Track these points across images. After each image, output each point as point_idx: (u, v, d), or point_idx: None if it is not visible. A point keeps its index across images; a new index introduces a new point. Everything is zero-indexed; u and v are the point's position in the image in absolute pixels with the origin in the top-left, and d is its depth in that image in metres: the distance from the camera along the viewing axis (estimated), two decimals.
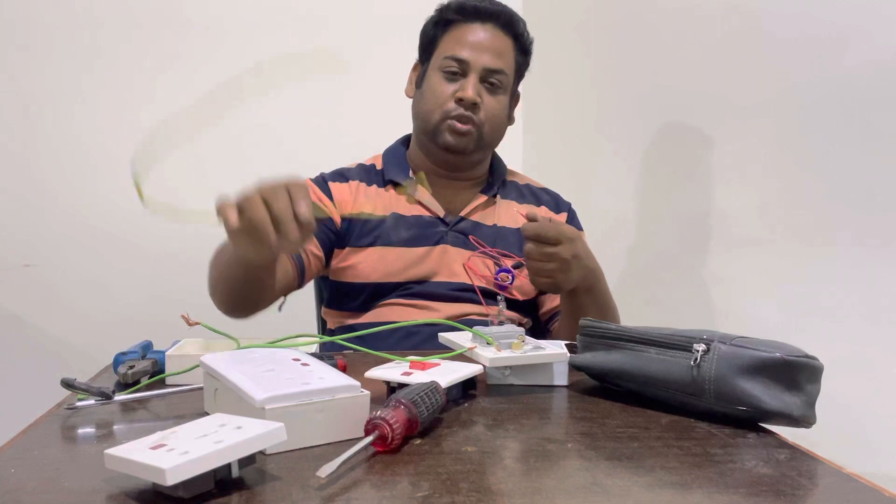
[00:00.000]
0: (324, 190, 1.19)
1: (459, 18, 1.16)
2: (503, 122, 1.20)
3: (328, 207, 1.06)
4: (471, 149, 1.16)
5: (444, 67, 1.14)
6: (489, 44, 1.14)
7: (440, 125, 1.15)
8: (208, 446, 0.46)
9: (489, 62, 1.14)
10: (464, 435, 0.60)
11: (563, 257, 0.96)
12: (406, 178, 1.20)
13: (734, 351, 0.63)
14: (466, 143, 1.15)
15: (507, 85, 1.17)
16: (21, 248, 1.78)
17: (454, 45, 1.15)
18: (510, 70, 1.17)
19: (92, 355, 1.76)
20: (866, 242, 1.03)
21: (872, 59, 1.02)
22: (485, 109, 1.14)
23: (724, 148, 1.32)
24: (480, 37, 1.14)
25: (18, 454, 0.54)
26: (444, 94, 1.14)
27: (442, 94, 1.14)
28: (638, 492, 0.48)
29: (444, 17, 1.17)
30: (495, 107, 1.16)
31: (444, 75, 1.15)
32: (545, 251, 0.96)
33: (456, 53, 1.14)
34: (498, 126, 1.19)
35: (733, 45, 1.29)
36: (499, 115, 1.17)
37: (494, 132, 1.19)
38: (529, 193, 1.28)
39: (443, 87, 1.14)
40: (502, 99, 1.18)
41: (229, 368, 0.62)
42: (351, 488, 0.48)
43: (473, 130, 1.14)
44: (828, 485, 0.51)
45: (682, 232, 1.45)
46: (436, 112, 1.15)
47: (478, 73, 1.13)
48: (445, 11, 1.18)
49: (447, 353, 0.79)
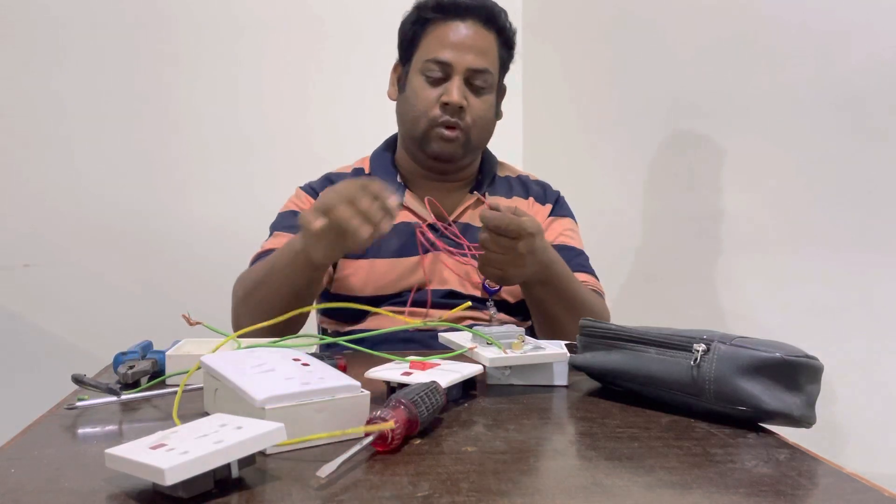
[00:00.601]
0: (314, 193, 1.19)
1: (439, 16, 1.12)
2: (490, 122, 1.18)
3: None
4: (459, 155, 1.15)
5: (426, 71, 1.11)
6: (471, 42, 1.11)
7: (428, 133, 1.12)
8: (208, 446, 0.46)
9: (473, 62, 1.11)
10: (464, 435, 0.60)
11: (520, 252, 0.92)
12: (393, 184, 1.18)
13: (734, 351, 0.63)
14: (454, 149, 1.13)
15: (492, 84, 1.15)
16: (21, 248, 1.78)
17: (435, 47, 1.11)
18: (494, 68, 1.15)
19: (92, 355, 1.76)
20: (866, 242, 1.03)
21: (872, 60, 1.02)
22: (471, 112, 1.12)
23: (725, 148, 1.32)
24: (462, 35, 1.11)
25: (18, 454, 0.54)
26: (429, 99, 1.11)
27: (426, 99, 1.11)
28: (638, 492, 0.48)
29: (422, 15, 1.14)
30: (482, 108, 1.14)
31: (426, 79, 1.12)
32: (502, 244, 0.92)
33: (438, 56, 1.10)
34: (485, 127, 1.17)
35: (734, 45, 1.29)
36: (485, 115, 1.15)
37: (482, 134, 1.17)
38: (519, 186, 1.26)
39: (426, 92, 1.12)
40: (488, 99, 1.15)
41: (229, 368, 0.62)
42: (351, 488, 0.48)
43: (461, 136, 1.12)
44: (828, 485, 0.51)
45: (683, 232, 1.45)
46: (421, 120, 1.12)
47: (461, 76, 1.10)
48: (423, 10, 1.14)
49: (447, 353, 0.79)
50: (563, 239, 1.21)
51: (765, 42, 1.22)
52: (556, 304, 1.05)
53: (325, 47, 1.96)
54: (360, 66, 1.93)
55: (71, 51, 1.79)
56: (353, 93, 1.93)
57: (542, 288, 1.03)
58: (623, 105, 1.68)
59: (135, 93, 1.83)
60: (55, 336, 1.79)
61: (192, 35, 1.86)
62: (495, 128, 1.22)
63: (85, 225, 1.81)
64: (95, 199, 1.81)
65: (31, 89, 1.78)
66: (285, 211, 1.21)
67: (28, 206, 1.78)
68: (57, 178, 1.79)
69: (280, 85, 1.93)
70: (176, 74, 1.85)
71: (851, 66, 1.05)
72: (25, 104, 1.77)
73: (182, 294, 1.83)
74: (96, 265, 1.81)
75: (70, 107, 1.80)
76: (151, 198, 1.85)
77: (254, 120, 1.90)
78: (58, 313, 1.80)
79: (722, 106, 1.32)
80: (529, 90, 2.04)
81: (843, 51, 1.06)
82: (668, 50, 1.50)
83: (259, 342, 0.77)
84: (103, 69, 1.81)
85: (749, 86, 1.25)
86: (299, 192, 1.22)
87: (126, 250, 1.83)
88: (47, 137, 1.79)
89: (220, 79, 1.88)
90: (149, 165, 1.85)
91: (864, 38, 1.03)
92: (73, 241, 1.80)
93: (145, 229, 1.84)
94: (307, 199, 1.20)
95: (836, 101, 1.07)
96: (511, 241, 0.91)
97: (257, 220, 1.71)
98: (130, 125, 1.83)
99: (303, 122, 1.93)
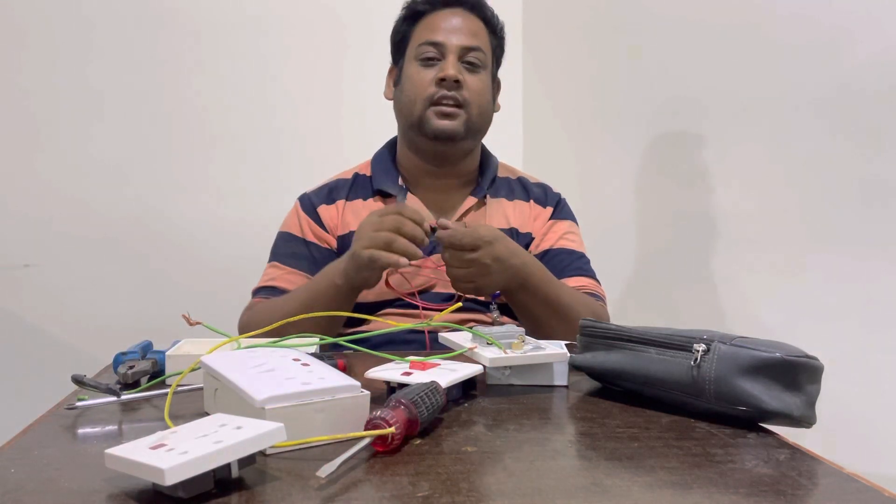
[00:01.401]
0: (313, 217, 1.20)
1: (428, 8, 1.17)
2: (489, 103, 1.19)
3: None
4: (461, 133, 1.14)
5: (421, 55, 1.14)
6: (461, 25, 1.15)
7: (425, 113, 1.13)
8: (208, 446, 0.46)
9: (465, 41, 1.14)
10: (464, 435, 0.60)
11: (483, 262, 0.95)
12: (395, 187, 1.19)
13: (734, 351, 0.63)
14: (455, 126, 1.13)
15: (486, 63, 1.17)
16: (21, 248, 1.78)
17: (427, 33, 1.15)
18: (487, 48, 1.18)
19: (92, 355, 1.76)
20: (866, 242, 1.03)
21: (872, 60, 1.02)
22: (468, 88, 1.13)
23: (725, 148, 1.32)
24: (451, 20, 1.15)
25: (18, 454, 0.54)
26: (425, 80, 1.13)
27: (422, 81, 1.13)
28: (638, 492, 0.48)
29: (412, 10, 1.19)
30: (478, 84, 1.15)
31: (421, 63, 1.14)
32: (464, 258, 0.95)
33: (430, 38, 1.14)
34: (484, 106, 1.17)
35: (734, 45, 1.29)
36: (483, 93, 1.16)
37: (482, 114, 1.17)
38: (520, 188, 1.26)
39: (422, 74, 1.14)
40: (484, 77, 1.17)
41: (229, 368, 0.62)
42: (351, 488, 0.48)
43: (461, 112, 1.13)
44: (828, 485, 0.51)
45: (682, 232, 1.45)
46: (418, 101, 1.13)
47: (455, 53, 1.13)
48: (413, 4, 1.19)
49: (447, 353, 0.79)
50: (564, 242, 1.22)
51: (765, 41, 1.22)
52: (539, 307, 1.05)
53: (327, 48, 1.96)
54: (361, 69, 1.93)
55: (72, 49, 1.79)
56: (355, 95, 1.93)
57: (523, 293, 1.04)
58: (623, 104, 1.68)
59: (135, 92, 1.83)
60: (55, 336, 1.79)
61: (192, 35, 1.86)
62: (493, 120, 1.22)
63: (85, 225, 1.81)
64: (95, 199, 1.81)
65: (31, 89, 1.78)
66: (285, 232, 1.22)
67: (28, 206, 1.78)
68: (57, 178, 1.79)
69: (282, 85, 1.93)
70: (176, 74, 1.85)
71: (852, 65, 1.05)
72: (25, 104, 1.77)
73: (182, 294, 1.83)
74: (96, 265, 1.81)
75: (70, 107, 1.80)
76: (152, 198, 1.85)
77: (255, 121, 1.90)
78: (58, 313, 1.80)
79: (722, 105, 1.32)
80: (529, 89, 2.04)
81: (844, 50, 1.06)
82: (669, 49, 1.50)
83: (259, 342, 0.77)
84: (103, 69, 1.81)
85: (749, 85, 1.25)
86: (298, 209, 1.22)
87: (126, 250, 1.83)
88: (47, 137, 1.79)
89: (221, 79, 1.88)
90: (149, 165, 1.85)
91: (865, 37, 1.03)
92: (73, 241, 1.80)
93: (146, 229, 1.84)
94: (305, 219, 1.20)
95: (836, 100, 1.07)
96: (471, 252, 0.95)
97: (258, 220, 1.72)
98: (131, 125, 1.83)
99: (305, 123, 1.93)
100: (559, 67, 1.99)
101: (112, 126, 1.82)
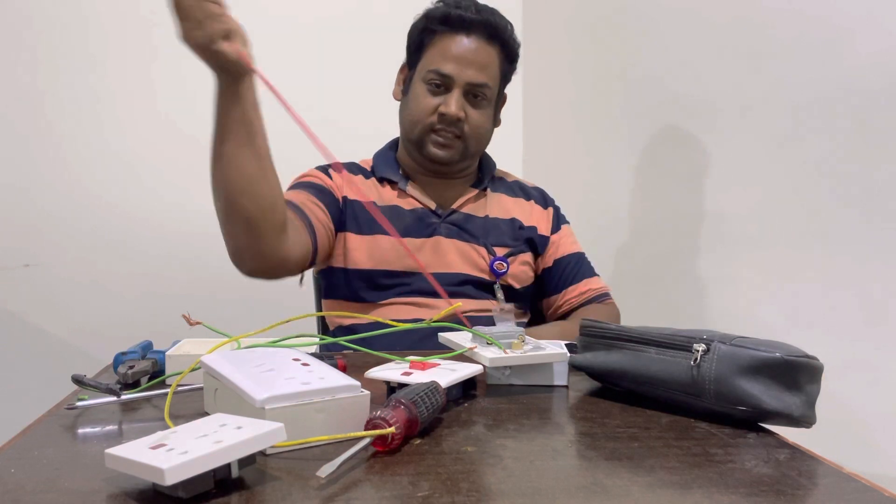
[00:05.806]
0: (323, 171, 1.22)
1: (445, 29, 1.15)
2: (488, 132, 1.22)
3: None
4: (456, 159, 1.18)
5: (429, 80, 1.15)
6: (473, 57, 1.14)
7: (424, 138, 1.17)
8: (208, 446, 0.46)
9: (473, 77, 1.14)
10: (464, 435, 0.60)
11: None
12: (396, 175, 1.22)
13: (734, 351, 0.63)
14: (451, 154, 1.17)
15: (491, 97, 1.19)
16: (21, 248, 1.78)
17: (439, 59, 1.15)
18: (495, 82, 1.18)
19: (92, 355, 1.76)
20: (866, 242, 1.03)
21: (871, 59, 1.02)
22: (469, 123, 1.16)
23: (724, 148, 1.32)
24: (464, 49, 1.14)
25: (18, 454, 0.54)
26: (428, 107, 1.15)
27: (426, 107, 1.15)
28: (638, 492, 0.48)
29: (429, 26, 1.17)
30: (479, 119, 1.18)
31: (428, 88, 1.16)
32: None
33: (440, 68, 1.14)
34: (482, 137, 1.21)
35: (733, 45, 1.29)
36: (483, 126, 1.19)
37: (479, 143, 1.21)
38: (519, 189, 1.30)
39: (427, 100, 1.15)
40: (486, 111, 1.19)
41: (229, 368, 0.62)
42: (351, 488, 0.48)
43: (458, 143, 1.17)
44: (828, 485, 0.51)
45: (682, 232, 1.45)
46: (418, 125, 1.17)
47: (461, 88, 1.14)
48: (431, 20, 1.17)
49: (447, 353, 0.79)
50: (574, 247, 1.28)
51: (766, 41, 1.22)
52: None
53: (329, 44, 1.96)
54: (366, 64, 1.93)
55: (72, 49, 1.79)
56: (359, 91, 1.93)
57: None
58: (623, 105, 1.68)
59: (135, 92, 1.83)
60: (55, 336, 1.79)
61: None
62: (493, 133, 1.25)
63: (85, 225, 1.81)
64: (95, 199, 1.82)
65: (30, 89, 1.78)
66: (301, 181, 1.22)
67: (28, 206, 1.78)
68: (57, 178, 1.79)
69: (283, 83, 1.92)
70: (176, 74, 1.85)
71: (853, 65, 1.05)
72: (25, 104, 1.78)
73: (182, 294, 1.83)
74: (96, 265, 1.82)
75: (70, 106, 1.80)
76: (152, 198, 1.85)
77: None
78: (58, 313, 1.80)
79: (722, 106, 1.32)
80: (529, 89, 2.04)
81: (845, 50, 1.06)
82: (668, 50, 1.50)
83: (259, 342, 0.78)
84: (103, 69, 1.81)
85: (749, 85, 1.25)
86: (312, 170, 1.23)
87: (126, 250, 1.83)
88: (47, 137, 1.79)
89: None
90: (150, 165, 1.85)
91: (866, 37, 1.03)
92: (73, 241, 1.80)
93: (146, 229, 1.84)
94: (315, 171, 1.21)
95: (836, 100, 1.07)
96: None
97: None
98: (131, 125, 1.83)
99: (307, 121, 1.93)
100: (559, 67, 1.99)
101: (113, 126, 1.82)
